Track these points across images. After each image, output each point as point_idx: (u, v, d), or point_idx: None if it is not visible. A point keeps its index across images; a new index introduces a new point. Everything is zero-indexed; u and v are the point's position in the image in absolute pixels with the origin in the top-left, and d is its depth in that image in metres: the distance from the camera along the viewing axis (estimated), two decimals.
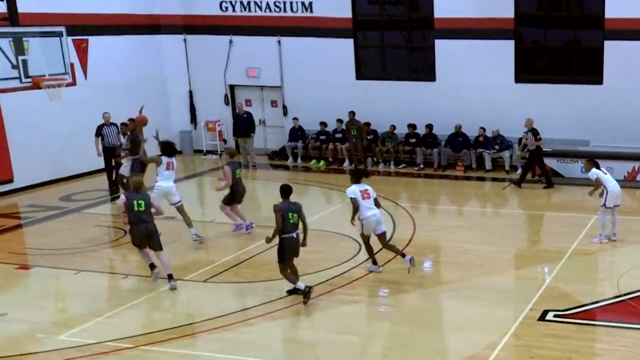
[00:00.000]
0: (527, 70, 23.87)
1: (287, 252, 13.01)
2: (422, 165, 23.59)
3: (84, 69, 23.10)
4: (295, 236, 13.07)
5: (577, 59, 23.47)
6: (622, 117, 22.19)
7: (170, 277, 13.80)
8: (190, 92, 26.68)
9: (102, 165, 21.53)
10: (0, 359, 11.18)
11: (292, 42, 25.34)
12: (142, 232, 13.79)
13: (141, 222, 13.76)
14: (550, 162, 21.78)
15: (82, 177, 22.50)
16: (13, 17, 17.50)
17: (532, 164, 21.56)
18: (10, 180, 20.99)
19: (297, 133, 25.17)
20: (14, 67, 16.82)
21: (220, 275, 14.44)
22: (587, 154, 20.57)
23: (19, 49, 17.02)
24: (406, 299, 13.43)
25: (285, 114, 25.84)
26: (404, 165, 24.05)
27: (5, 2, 17.51)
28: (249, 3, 25.57)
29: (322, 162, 24.69)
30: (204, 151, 26.67)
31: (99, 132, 21.05)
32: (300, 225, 13.22)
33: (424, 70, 24.93)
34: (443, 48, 23.87)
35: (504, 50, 23.31)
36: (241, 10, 25.75)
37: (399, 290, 13.69)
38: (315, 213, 17.58)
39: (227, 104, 26.42)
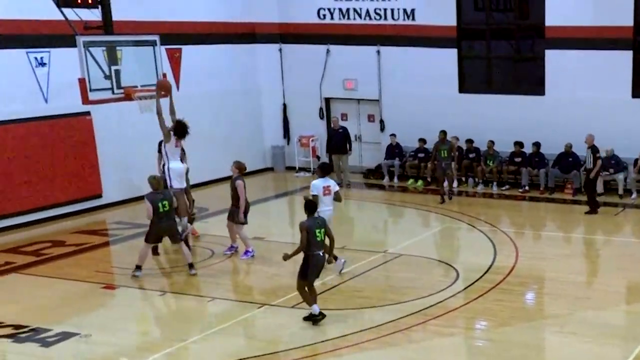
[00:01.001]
0: None
1: (312, 270, 13.20)
2: (527, 187, 23.30)
3: (177, 79, 23.58)
4: (321, 254, 13.29)
5: None
6: None
7: (190, 265, 15.87)
8: (284, 104, 27.03)
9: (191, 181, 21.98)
10: None
11: (392, 52, 25.43)
12: (164, 229, 15.70)
13: (165, 221, 15.61)
14: None
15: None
16: (107, 25, 17.88)
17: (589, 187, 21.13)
18: (99, 196, 21.52)
19: (394, 150, 25.20)
20: (107, 77, 17.12)
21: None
22: None
23: (112, 59, 17.23)
24: (505, 332, 13.21)
25: (382, 129, 25.92)
26: (507, 186, 23.79)
27: (100, 10, 17.91)
28: (347, 10, 25.78)
29: (419, 182, 24.63)
30: (297, 168, 26.97)
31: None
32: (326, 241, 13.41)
33: (532, 83, 24.60)
34: (554, 59, 23.57)
35: (621, 61, 22.86)
36: (340, 18, 25.96)
37: (498, 324, 13.51)
38: (411, 237, 17.62)
39: (321, 118, 26.62)
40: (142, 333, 13.71)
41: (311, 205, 13.43)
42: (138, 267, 15.85)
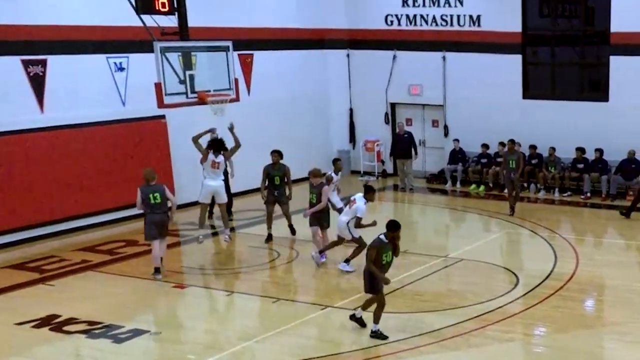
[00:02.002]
0: None
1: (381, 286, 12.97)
2: (589, 194, 22.96)
3: (248, 84, 23.77)
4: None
5: None
6: None
7: (156, 270, 15.88)
8: (351, 109, 27.07)
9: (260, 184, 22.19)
10: None
11: (457, 57, 25.32)
12: (158, 222, 15.67)
13: (157, 213, 15.67)
14: None
15: (242, 195, 22.92)
16: (183, 31, 18.07)
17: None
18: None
19: (457, 155, 25.05)
20: (181, 82, 17.31)
21: None
22: None
23: (187, 64, 17.37)
24: (564, 339, 13.02)
25: (446, 134, 25.80)
26: (569, 193, 23.46)
27: (176, 16, 18.11)
28: (415, 17, 25.70)
29: (482, 187, 24.47)
30: (361, 172, 26.96)
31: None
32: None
33: (597, 89, 24.30)
34: (618, 65, 23.17)
35: None
36: (407, 24, 25.92)
37: (557, 330, 13.35)
38: (472, 242, 17.53)
39: (387, 123, 26.57)
40: (209, 332, 13.78)
41: (393, 226, 12.71)
42: (156, 270, 15.98)
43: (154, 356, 12.60)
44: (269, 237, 18.45)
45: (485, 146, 24.54)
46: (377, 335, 12.84)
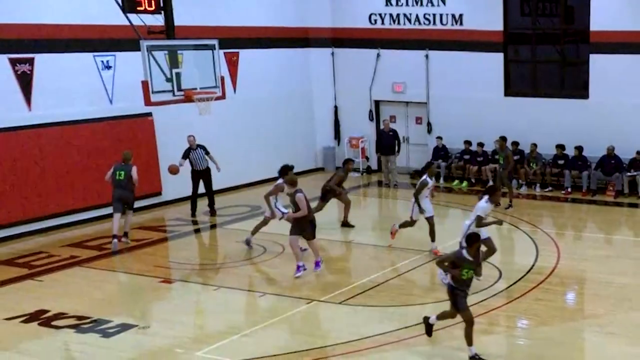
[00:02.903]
0: None
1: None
2: (569, 189, 23.04)
3: (234, 82, 23.74)
4: None
5: None
6: None
7: (114, 236, 17.35)
8: (336, 107, 27.05)
9: (245, 180, 22.16)
10: None
11: (440, 56, 25.33)
12: (117, 197, 17.40)
13: (118, 188, 17.40)
14: None
15: (227, 192, 23.00)
16: (169, 30, 18.03)
17: None
18: (159, 193, 21.76)
19: (440, 152, 25.10)
20: (168, 80, 17.25)
21: (356, 297, 14.51)
22: None
23: (174, 62, 17.30)
24: (546, 332, 13.06)
25: (429, 131, 25.81)
26: (550, 188, 23.53)
27: (162, 15, 18.06)
28: (398, 15, 25.69)
29: (464, 183, 24.53)
30: None
31: (186, 155, 20.55)
32: None
33: (577, 87, 24.34)
34: (598, 63, 23.26)
35: None
36: (390, 23, 25.90)
37: (539, 323, 13.38)
38: (454, 237, 17.38)
39: (371, 120, 26.56)
40: (197, 326, 13.83)
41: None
42: (114, 236, 17.20)
43: (142, 350, 12.51)
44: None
45: (467, 143, 24.55)
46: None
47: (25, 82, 18.70)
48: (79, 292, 15.05)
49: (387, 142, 24.63)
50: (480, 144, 24.31)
